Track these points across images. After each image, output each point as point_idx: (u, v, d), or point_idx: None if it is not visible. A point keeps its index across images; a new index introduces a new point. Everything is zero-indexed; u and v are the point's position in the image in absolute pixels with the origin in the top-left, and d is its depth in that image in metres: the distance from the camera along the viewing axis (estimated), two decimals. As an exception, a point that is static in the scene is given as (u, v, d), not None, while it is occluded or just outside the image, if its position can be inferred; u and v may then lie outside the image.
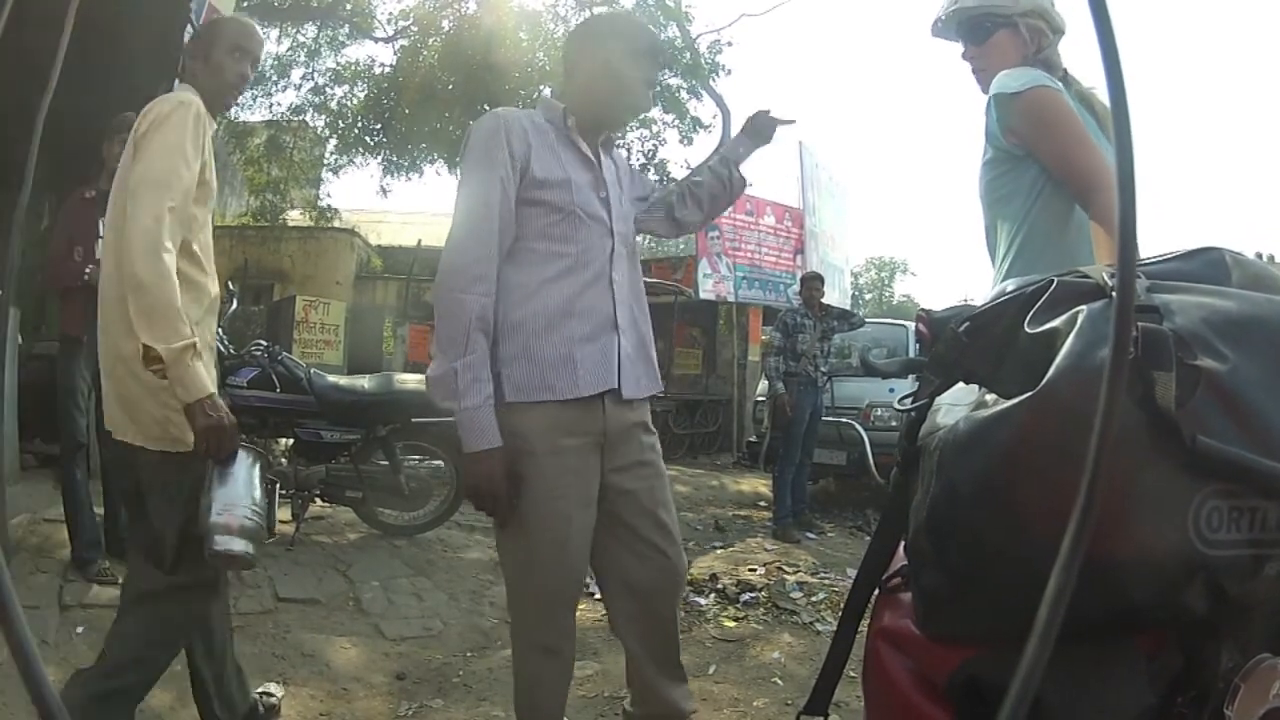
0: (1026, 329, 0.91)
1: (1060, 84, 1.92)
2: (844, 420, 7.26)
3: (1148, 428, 0.79)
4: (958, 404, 0.99)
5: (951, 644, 0.93)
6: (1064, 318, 0.87)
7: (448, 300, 1.83)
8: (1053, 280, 0.94)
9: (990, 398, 0.94)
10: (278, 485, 2.24)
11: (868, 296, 43.77)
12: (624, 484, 1.99)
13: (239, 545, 1.93)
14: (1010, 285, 1.00)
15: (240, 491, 1.97)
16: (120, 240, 1.94)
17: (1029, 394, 0.83)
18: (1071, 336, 0.84)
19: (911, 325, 8.67)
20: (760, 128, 2.34)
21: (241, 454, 2.01)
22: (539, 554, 1.91)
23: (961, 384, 1.02)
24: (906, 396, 1.10)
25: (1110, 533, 0.77)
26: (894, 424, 7.30)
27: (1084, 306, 0.87)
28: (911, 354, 7.52)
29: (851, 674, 1.37)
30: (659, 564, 2.03)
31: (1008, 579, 0.84)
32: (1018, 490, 0.84)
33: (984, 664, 0.88)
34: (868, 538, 6.39)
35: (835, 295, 11.44)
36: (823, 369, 6.63)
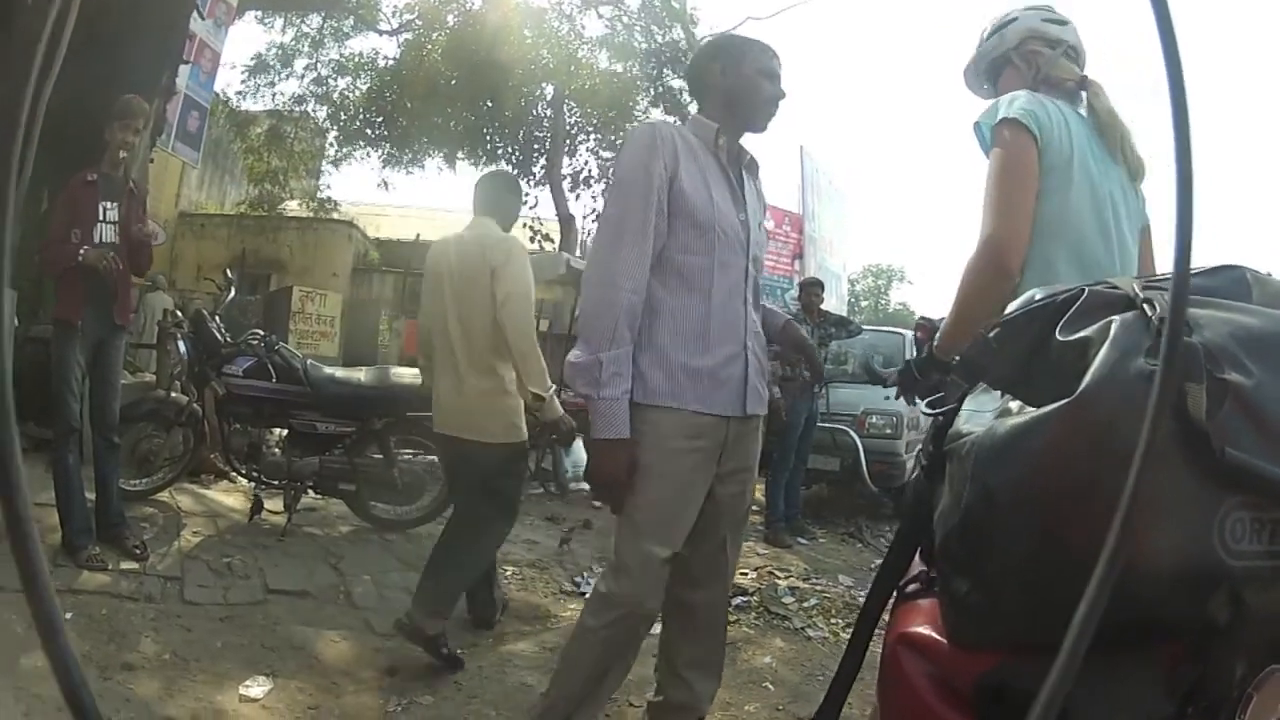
0: (1058, 336, 0.91)
1: (1044, 110, 1.88)
2: (838, 427, 7.24)
3: (1178, 438, 0.80)
4: (981, 410, 0.98)
5: (978, 651, 0.93)
6: (1096, 327, 0.88)
7: (599, 294, 1.96)
8: (1083, 290, 0.94)
9: (1015, 405, 0.93)
10: None
11: (864, 304, 43.79)
12: (725, 488, 2.15)
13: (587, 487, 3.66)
14: (1038, 293, 1.00)
15: (580, 458, 3.82)
16: (475, 320, 3.22)
17: (1065, 400, 0.83)
18: (1106, 346, 0.84)
19: (908, 334, 8.68)
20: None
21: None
22: (654, 536, 2.04)
23: (983, 390, 1.02)
24: (933, 400, 1.10)
25: (1141, 540, 0.78)
26: (889, 431, 7.31)
27: (1116, 316, 0.87)
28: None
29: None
30: (722, 561, 2.24)
31: (1041, 585, 0.84)
32: (1052, 496, 0.84)
33: (1011, 672, 0.88)
34: (859, 545, 6.39)
35: (833, 302, 11.44)
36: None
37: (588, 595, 2.18)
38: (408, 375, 5.06)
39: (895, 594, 1.19)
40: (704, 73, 2.25)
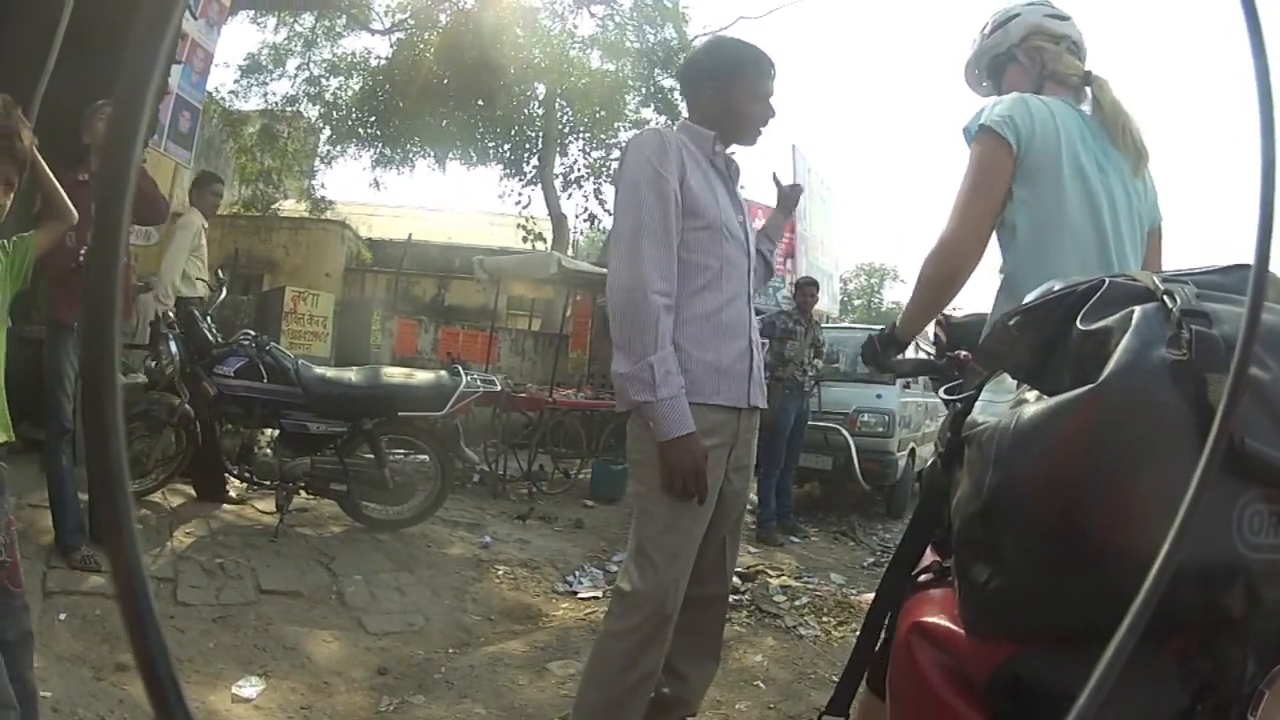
0: (1079, 325, 0.91)
1: (1026, 112, 1.88)
2: (831, 425, 7.27)
3: (1198, 428, 0.80)
4: (996, 400, 1.00)
5: (995, 641, 0.93)
6: (1117, 316, 0.88)
7: (633, 300, 1.97)
8: (1104, 280, 0.95)
9: (1032, 395, 0.94)
10: None
11: (856, 303, 43.73)
12: (730, 485, 2.21)
13: None
14: (1057, 284, 1.01)
15: None
16: None
17: (1089, 386, 0.84)
18: (1128, 334, 0.85)
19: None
20: (786, 201, 2.63)
21: None
22: (679, 529, 2.08)
23: (999, 380, 1.03)
24: (952, 387, 1.10)
25: (1163, 530, 0.78)
26: (880, 430, 7.35)
27: (1136, 306, 0.88)
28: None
29: (832, 678, 1.38)
30: (724, 558, 2.32)
31: (1063, 573, 0.85)
32: (1072, 482, 0.84)
33: (1028, 663, 0.88)
34: (851, 543, 6.41)
35: (825, 300, 11.45)
36: (810, 374, 6.64)
37: (608, 603, 2.18)
38: (398, 375, 5.06)
39: (907, 583, 1.19)
40: (696, 90, 2.29)
